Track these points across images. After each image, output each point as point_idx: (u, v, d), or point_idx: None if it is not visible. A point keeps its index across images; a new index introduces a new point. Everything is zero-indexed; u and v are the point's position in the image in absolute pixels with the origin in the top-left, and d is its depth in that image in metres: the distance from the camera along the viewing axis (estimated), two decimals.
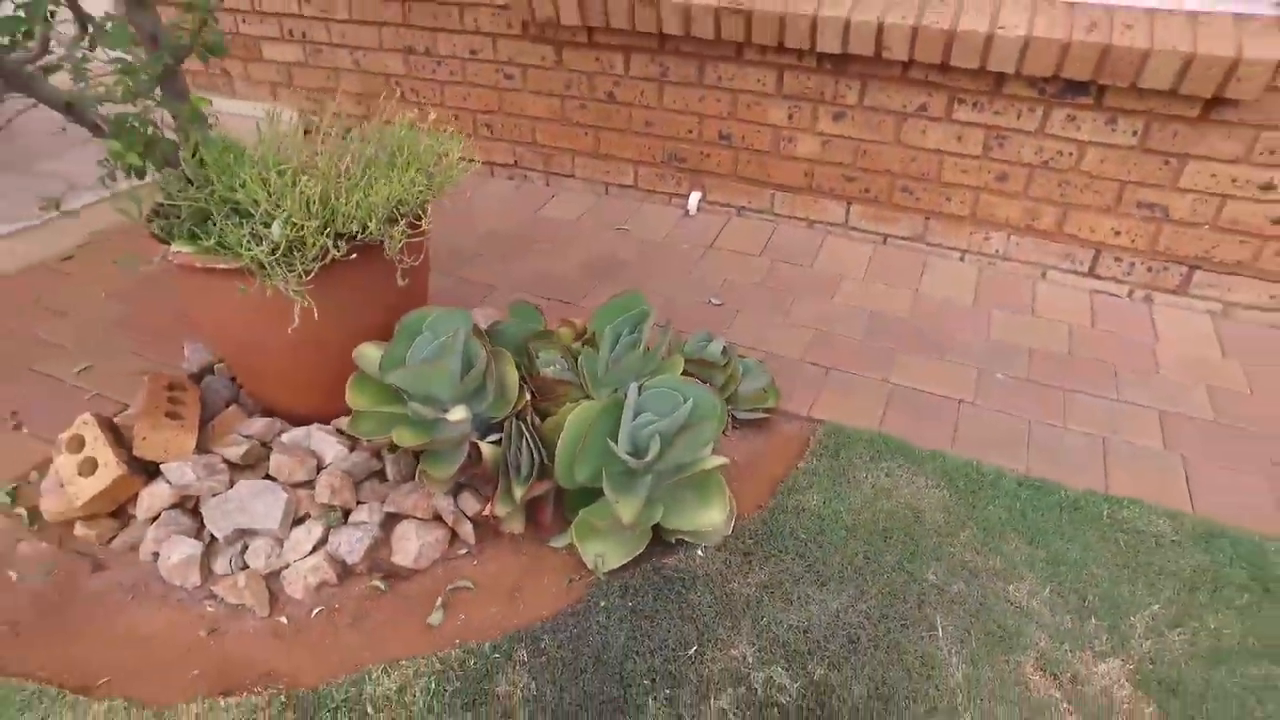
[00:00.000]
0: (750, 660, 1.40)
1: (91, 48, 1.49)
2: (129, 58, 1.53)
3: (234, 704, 1.36)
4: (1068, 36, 2.11)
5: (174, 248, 1.57)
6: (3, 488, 1.78)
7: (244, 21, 3.32)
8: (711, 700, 1.34)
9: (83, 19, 1.51)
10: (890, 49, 2.31)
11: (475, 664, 1.40)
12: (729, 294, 2.46)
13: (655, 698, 1.34)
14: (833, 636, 1.44)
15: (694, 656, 1.41)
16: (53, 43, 1.48)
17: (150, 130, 1.55)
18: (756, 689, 1.36)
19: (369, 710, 1.33)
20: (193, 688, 1.40)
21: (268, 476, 1.70)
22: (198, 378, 1.95)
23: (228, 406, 1.87)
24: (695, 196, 2.92)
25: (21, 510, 1.73)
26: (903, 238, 2.69)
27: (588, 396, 1.67)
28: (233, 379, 1.96)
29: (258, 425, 1.81)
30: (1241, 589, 1.52)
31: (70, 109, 1.48)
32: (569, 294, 2.46)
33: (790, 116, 2.63)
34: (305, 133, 1.67)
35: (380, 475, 1.76)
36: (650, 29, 2.59)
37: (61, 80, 1.51)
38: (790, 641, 1.43)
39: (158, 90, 1.60)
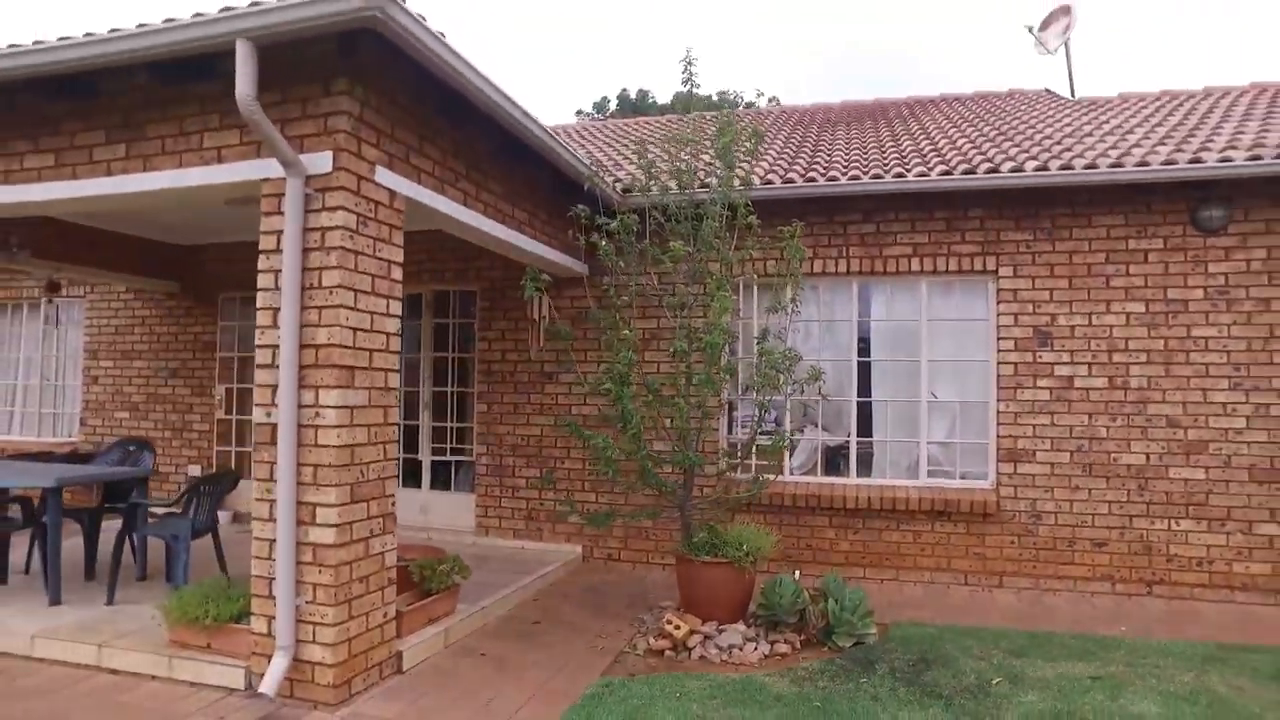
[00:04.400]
0: (897, 655, 4.88)
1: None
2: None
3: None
4: (932, 496, 6.35)
5: (703, 557, 5.27)
6: (623, 648, 5.11)
7: None
8: (893, 659, 4.80)
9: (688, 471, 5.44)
10: (871, 507, 6.48)
11: (826, 659, 4.82)
12: None
13: (880, 665, 4.79)
14: (922, 655, 4.95)
15: (884, 654, 4.88)
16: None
17: (706, 532, 5.38)
18: (907, 665, 4.83)
19: (737, 664, 4.72)
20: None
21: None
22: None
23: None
24: (797, 573, 6.73)
25: (637, 652, 5.06)
26: (888, 579, 6.55)
27: (825, 600, 5.29)
28: (675, 608, 5.43)
29: (711, 624, 5.27)
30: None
31: (684, 511, 5.32)
32: None
33: (836, 534, 6.65)
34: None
35: (757, 635, 5.22)
36: (777, 505, 6.71)
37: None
38: (908, 657, 4.93)
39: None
